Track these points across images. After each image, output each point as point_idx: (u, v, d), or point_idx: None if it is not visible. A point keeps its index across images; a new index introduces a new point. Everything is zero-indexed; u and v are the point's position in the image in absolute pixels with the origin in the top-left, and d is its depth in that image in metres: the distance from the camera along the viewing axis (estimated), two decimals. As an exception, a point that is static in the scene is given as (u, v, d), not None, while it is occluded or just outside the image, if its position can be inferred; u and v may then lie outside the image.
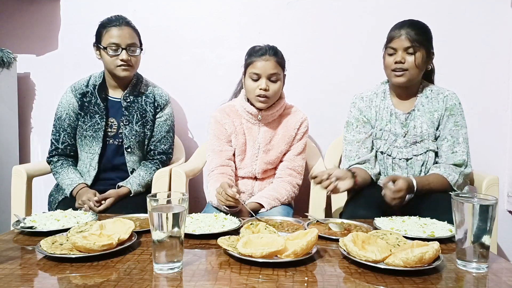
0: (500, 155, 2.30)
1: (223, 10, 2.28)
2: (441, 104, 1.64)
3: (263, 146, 1.74)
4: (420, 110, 1.65)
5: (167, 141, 1.89)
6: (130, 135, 1.80)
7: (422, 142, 1.64)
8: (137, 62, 1.80)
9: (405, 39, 1.56)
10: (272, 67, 1.63)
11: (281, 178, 1.75)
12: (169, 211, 0.92)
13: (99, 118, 1.78)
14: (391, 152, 1.67)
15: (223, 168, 1.72)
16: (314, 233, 1.00)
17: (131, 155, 1.82)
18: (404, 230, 1.19)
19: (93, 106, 1.80)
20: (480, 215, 0.93)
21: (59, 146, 1.81)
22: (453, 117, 1.62)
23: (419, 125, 1.64)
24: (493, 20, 2.23)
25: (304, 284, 0.87)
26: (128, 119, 1.81)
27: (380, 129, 1.69)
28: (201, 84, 2.30)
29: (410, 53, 1.57)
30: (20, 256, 1.04)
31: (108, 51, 1.72)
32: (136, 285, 0.86)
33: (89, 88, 1.82)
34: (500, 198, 2.23)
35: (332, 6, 2.25)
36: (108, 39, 1.72)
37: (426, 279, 0.90)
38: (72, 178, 1.74)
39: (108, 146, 1.81)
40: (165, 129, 1.89)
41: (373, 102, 1.71)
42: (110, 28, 1.73)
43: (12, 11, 2.33)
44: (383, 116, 1.68)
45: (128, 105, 1.82)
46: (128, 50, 1.73)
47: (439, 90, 1.67)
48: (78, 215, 1.34)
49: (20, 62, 2.28)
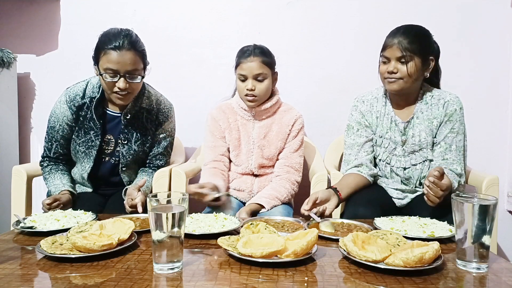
0: (500, 155, 2.30)
1: (223, 10, 2.28)
2: (441, 111, 1.59)
3: (257, 142, 1.77)
4: (419, 118, 1.61)
5: (163, 157, 1.80)
6: (127, 154, 1.69)
7: (421, 151, 1.61)
8: (137, 89, 1.62)
9: (397, 48, 1.51)
10: (257, 67, 1.66)
11: (280, 176, 1.76)
12: (169, 211, 0.92)
13: (94, 135, 1.65)
14: (390, 161, 1.65)
15: (216, 163, 1.78)
16: (314, 233, 1.00)
17: (126, 174, 1.73)
18: (404, 230, 1.19)
19: (88, 121, 1.64)
20: (480, 215, 0.93)
21: (50, 154, 1.71)
22: (451, 124, 1.58)
23: (418, 134, 1.60)
24: (493, 20, 2.23)
25: (304, 284, 0.87)
26: (127, 138, 1.68)
27: (380, 136, 1.66)
28: (201, 84, 2.31)
29: (402, 62, 1.52)
30: (20, 256, 1.04)
31: (105, 77, 1.53)
32: (136, 285, 0.86)
33: (86, 100, 1.64)
34: (500, 198, 2.23)
35: (332, 6, 2.25)
36: (106, 63, 1.51)
37: (426, 279, 0.90)
38: (56, 185, 1.64)
39: (103, 164, 1.71)
40: (163, 146, 1.78)
41: (374, 107, 1.68)
42: (109, 52, 1.50)
43: (12, 11, 2.33)
44: (384, 122, 1.65)
45: (128, 123, 1.68)
46: (127, 77, 1.53)
47: (441, 95, 1.62)
48: (78, 215, 1.34)
49: (20, 62, 2.28)
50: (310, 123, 2.21)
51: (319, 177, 1.76)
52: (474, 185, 1.79)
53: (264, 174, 1.82)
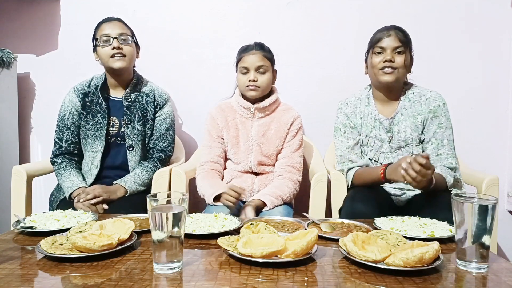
0: (500, 155, 2.30)
1: (223, 10, 2.28)
2: (424, 107, 1.64)
3: (256, 139, 1.79)
4: (403, 115, 1.66)
5: (166, 139, 1.90)
6: (132, 134, 1.82)
7: (407, 146, 1.65)
8: (131, 53, 1.80)
9: (394, 38, 1.59)
10: (259, 59, 1.73)
11: (281, 175, 1.77)
12: (169, 211, 0.92)
13: (101, 117, 1.81)
14: (378, 158, 1.69)
15: (213, 164, 1.82)
16: (314, 233, 1.00)
17: (133, 154, 1.83)
18: (404, 230, 1.19)
19: (95, 105, 1.82)
20: (480, 215, 0.93)
21: (63, 144, 1.82)
22: (437, 119, 1.62)
23: (403, 130, 1.65)
24: (493, 20, 2.23)
25: (304, 284, 0.87)
26: (130, 118, 1.83)
27: (366, 136, 1.71)
28: (201, 84, 2.31)
29: (399, 52, 1.59)
30: (20, 256, 1.04)
31: (100, 43, 1.76)
32: (136, 285, 0.86)
33: (91, 88, 1.85)
34: (500, 198, 2.23)
35: (332, 6, 2.25)
36: (99, 33, 1.78)
37: (426, 279, 0.90)
38: (73, 181, 1.73)
39: (110, 144, 1.84)
40: (164, 127, 1.89)
41: (357, 108, 1.74)
42: (101, 24, 1.80)
43: (12, 11, 2.33)
44: (368, 122, 1.70)
45: (130, 104, 1.84)
46: (119, 39, 1.76)
47: (421, 92, 1.67)
48: (78, 215, 1.34)
49: (20, 62, 2.28)
50: (310, 123, 2.21)
51: (319, 177, 1.76)
52: (474, 185, 1.79)
53: (264, 172, 1.83)
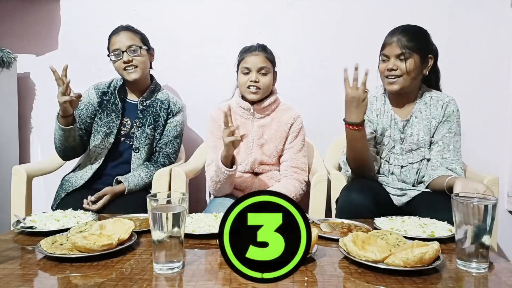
0: (500, 155, 2.30)
1: (223, 10, 2.28)
2: (440, 111, 1.63)
3: (256, 140, 1.79)
4: (418, 117, 1.65)
5: (172, 146, 1.92)
6: (141, 137, 1.86)
7: (418, 150, 1.64)
8: (143, 62, 1.85)
9: (396, 46, 1.56)
10: (261, 61, 1.73)
11: (288, 176, 1.77)
12: (169, 211, 0.92)
13: (115, 116, 1.86)
14: (389, 158, 1.67)
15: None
16: (314, 233, 1.00)
17: (137, 156, 1.86)
18: (404, 230, 1.19)
19: (111, 105, 1.88)
20: (480, 215, 0.93)
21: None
22: (448, 124, 1.62)
23: (416, 133, 1.64)
24: (493, 20, 2.23)
25: (304, 284, 0.87)
26: (142, 122, 1.87)
27: (380, 134, 1.69)
28: (201, 84, 2.31)
29: (402, 59, 1.56)
30: (20, 256, 1.04)
31: (112, 58, 1.83)
32: (136, 285, 0.86)
33: (110, 89, 1.91)
34: (500, 198, 2.23)
35: (332, 6, 2.25)
36: (111, 47, 1.83)
37: (426, 279, 0.90)
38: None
39: (119, 143, 1.88)
40: (173, 134, 1.92)
41: (374, 105, 1.71)
42: (111, 37, 1.84)
43: (12, 11, 2.33)
44: (384, 120, 1.68)
45: (144, 108, 1.89)
46: (128, 52, 1.80)
47: (439, 96, 1.66)
48: (78, 215, 1.34)
49: (20, 62, 2.28)
50: (310, 123, 2.20)
51: (319, 177, 1.76)
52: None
53: (264, 172, 1.82)
